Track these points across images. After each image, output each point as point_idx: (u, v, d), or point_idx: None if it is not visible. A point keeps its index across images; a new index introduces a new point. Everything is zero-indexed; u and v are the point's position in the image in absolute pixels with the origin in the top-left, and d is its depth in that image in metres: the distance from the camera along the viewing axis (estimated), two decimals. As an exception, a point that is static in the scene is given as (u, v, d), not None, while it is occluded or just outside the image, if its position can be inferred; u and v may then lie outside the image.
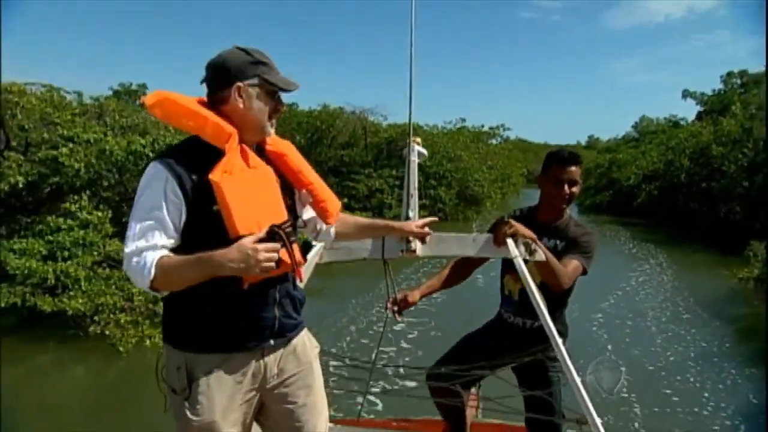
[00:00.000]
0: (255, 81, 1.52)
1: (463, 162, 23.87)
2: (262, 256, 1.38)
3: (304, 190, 1.68)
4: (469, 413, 2.66)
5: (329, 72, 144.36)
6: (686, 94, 33.89)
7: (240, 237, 1.42)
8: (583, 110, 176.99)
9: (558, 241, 2.37)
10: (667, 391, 6.11)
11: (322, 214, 1.74)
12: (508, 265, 2.45)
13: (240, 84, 1.51)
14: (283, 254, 1.49)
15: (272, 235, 1.47)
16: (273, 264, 1.42)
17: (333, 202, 1.76)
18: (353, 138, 24.08)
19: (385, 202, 20.87)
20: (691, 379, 6.47)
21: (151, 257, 1.42)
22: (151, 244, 1.43)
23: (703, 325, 8.56)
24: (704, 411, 5.69)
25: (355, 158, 23.15)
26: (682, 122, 35.94)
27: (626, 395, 5.82)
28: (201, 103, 1.55)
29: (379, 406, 4.03)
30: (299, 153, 1.73)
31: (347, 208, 18.11)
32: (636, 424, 5.31)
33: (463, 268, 2.62)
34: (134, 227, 1.45)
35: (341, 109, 25.04)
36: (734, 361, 7.06)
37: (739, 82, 31.55)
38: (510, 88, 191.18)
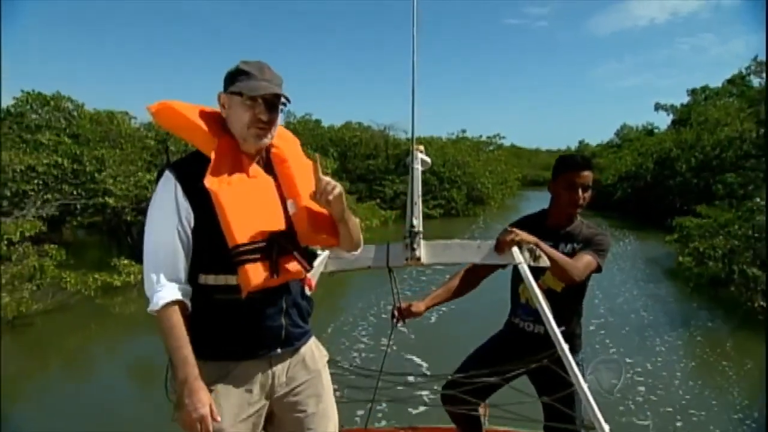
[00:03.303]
0: (233, 89, 1.52)
1: (470, 168, 27.99)
2: (188, 426, 1.41)
3: (290, 200, 1.61)
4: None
5: (348, 88, 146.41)
6: (658, 106, 37.53)
7: (238, 245, 1.45)
8: (573, 115, 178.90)
9: (575, 245, 2.33)
10: (619, 300, 10.57)
11: (296, 226, 1.60)
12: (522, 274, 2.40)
13: (221, 93, 1.55)
14: (288, 263, 1.50)
15: (271, 244, 1.47)
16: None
17: (312, 221, 1.59)
18: (376, 150, 28.16)
19: (408, 203, 24.97)
20: (634, 292, 11.05)
21: (168, 295, 1.45)
22: (173, 269, 1.47)
23: (646, 269, 13.37)
24: (637, 303, 10.21)
25: (379, 167, 27.11)
26: (656, 130, 39.78)
27: (596, 301, 10.24)
28: (210, 113, 1.56)
29: (387, 415, 4.06)
30: (302, 157, 1.69)
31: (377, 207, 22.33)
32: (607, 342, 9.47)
33: (472, 276, 2.55)
34: (152, 240, 1.49)
35: (361, 125, 29.13)
36: (661, 285, 11.76)
37: (703, 96, 35.80)
38: (503, 95, 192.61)
